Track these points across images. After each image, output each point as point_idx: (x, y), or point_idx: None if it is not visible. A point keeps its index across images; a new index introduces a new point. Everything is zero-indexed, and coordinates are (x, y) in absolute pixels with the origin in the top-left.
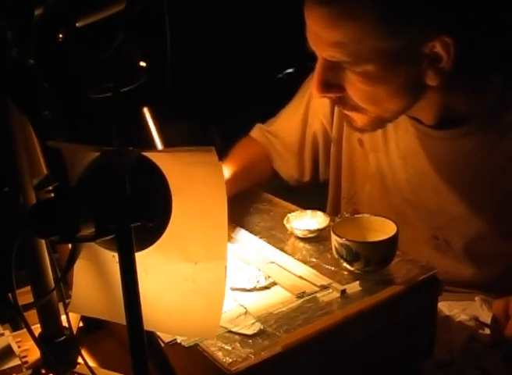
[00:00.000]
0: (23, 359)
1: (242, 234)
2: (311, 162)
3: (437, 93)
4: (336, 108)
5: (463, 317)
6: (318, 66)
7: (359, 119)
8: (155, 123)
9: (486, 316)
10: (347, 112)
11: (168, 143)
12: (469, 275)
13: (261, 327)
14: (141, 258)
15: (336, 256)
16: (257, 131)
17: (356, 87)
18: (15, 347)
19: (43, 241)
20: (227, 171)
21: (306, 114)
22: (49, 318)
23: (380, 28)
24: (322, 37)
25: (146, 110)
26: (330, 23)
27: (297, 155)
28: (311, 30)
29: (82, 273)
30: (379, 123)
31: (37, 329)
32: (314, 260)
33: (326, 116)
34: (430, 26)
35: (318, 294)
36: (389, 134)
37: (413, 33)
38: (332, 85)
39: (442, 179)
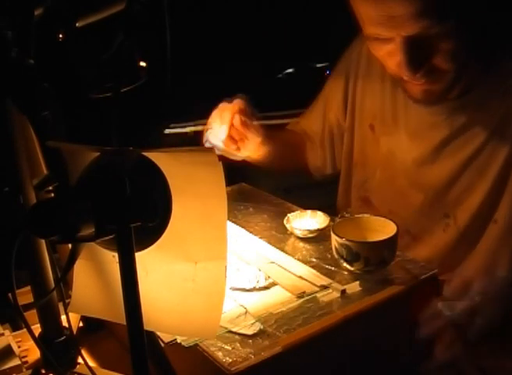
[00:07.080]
0: (23, 359)
1: (242, 234)
2: (330, 154)
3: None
4: (350, 97)
5: None
6: (403, 48)
7: (438, 85)
8: None
9: None
10: (428, 86)
11: (169, 143)
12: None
13: (261, 327)
14: (141, 258)
15: (336, 256)
16: (293, 124)
17: (441, 50)
18: (15, 347)
19: (43, 241)
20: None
21: (324, 106)
22: (49, 318)
23: None
24: (401, 16)
25: None
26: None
27: (319, 146)
28: (382, 17)
29: (82, 273)
30: (455, 84)
31: (37, 329)
32: (314, 260)
33: (339, 106)
34: None
35: (318, 294)
36: (399, 117)
37: None
38: (420, 62)
39: (447, 154)
